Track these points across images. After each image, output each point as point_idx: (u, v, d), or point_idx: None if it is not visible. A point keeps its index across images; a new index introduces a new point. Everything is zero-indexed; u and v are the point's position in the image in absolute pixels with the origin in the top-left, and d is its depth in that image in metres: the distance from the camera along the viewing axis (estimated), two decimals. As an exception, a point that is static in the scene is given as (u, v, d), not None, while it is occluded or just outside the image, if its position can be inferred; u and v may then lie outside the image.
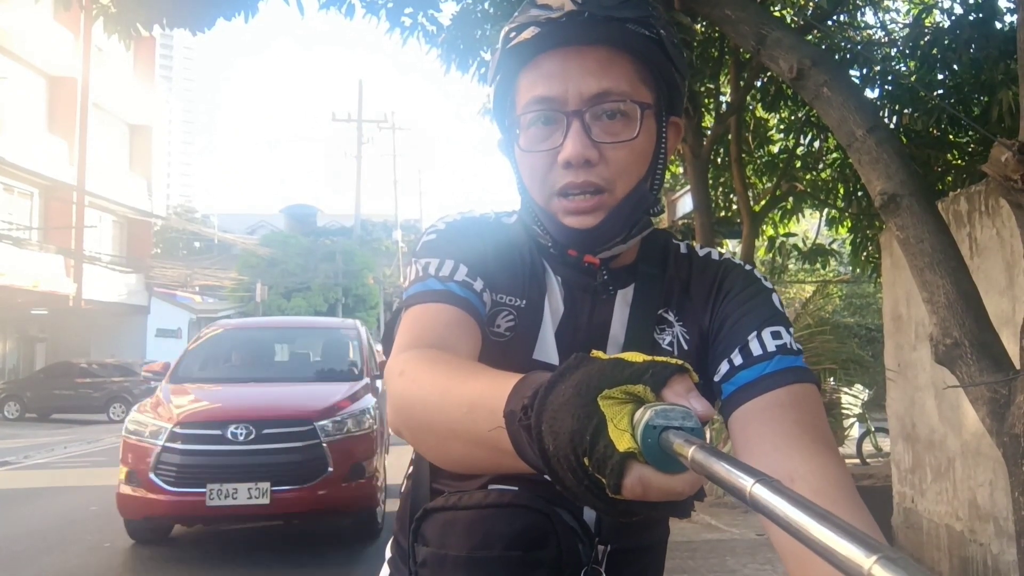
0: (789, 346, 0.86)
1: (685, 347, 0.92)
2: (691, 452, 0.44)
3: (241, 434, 5.13)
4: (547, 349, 0.91)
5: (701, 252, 0.99)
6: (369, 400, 5.94)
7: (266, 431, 5.17)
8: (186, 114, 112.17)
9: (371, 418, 5.66)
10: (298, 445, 5.22)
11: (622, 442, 0.46)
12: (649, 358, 0.50)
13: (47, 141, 18.85)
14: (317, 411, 5.40)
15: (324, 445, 5.24)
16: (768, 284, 0.94)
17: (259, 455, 5.13)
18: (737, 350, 0.87)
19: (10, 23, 16.56)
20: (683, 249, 0.99)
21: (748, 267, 0.96)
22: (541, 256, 0.95)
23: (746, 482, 0.41)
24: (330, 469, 5.22)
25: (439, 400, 0.67)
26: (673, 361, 0.50)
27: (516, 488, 0.87)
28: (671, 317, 0.93)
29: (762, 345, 0.86)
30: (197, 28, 4.27)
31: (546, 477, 0.52)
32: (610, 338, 0.92)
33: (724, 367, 0.87)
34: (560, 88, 0.85)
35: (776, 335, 0.86)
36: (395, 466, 6.61)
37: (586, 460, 0.47)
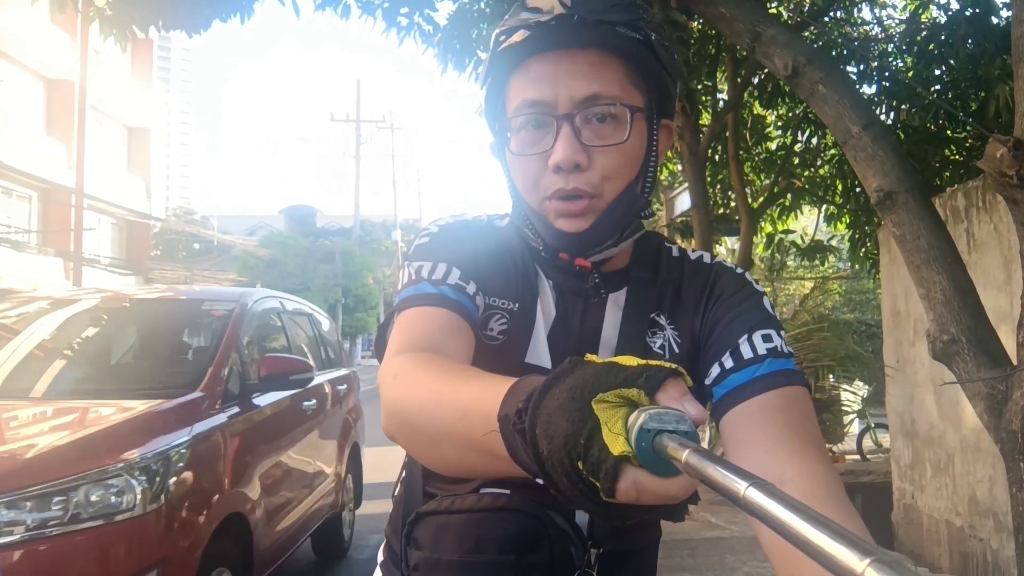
0: (780, 349, 0.86)
1: (677, 351, 0.92)
2: (685, 456, 0.43)
3: None
4: (539, 353, 0.91)
5: (693, 255, 0.99)
6: (175, 438, 2.86)
7: None
8: (185, 115, 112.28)
9: (144, 489, 2.59)
10: None
11: (616, 446, 0.46)
12: (643, 362, 0.50)
13: (45, 144, 18.83)
14: None
15: None
16: (759, 288, 0.94)
17: None
18: (728, 353, 0.87)
19: (7, 26, 16.54)
20: (675, 252, 0.99)
21: (739, 270, 0.96)
22: (533, 259, 0.95)
23: (740, 486, 0.41)
24: None
25: (433, 404, 0.67)
26: (667, 365, 0.49)
27: (509, 492, 0.87)
28: (663, 321, 0.93)
29: (753, 348, 0.86)
30: (193, 29, 4.26)
31: (540, 481, 0.52)
32: (602, 342, 0.92)
33: (715, 370, 0.87)
34: (550, 92, 0.85)
35: (767, 338, 0.86)
36: (380, 467, 6.57)
37: (580, 464, 0.47)
